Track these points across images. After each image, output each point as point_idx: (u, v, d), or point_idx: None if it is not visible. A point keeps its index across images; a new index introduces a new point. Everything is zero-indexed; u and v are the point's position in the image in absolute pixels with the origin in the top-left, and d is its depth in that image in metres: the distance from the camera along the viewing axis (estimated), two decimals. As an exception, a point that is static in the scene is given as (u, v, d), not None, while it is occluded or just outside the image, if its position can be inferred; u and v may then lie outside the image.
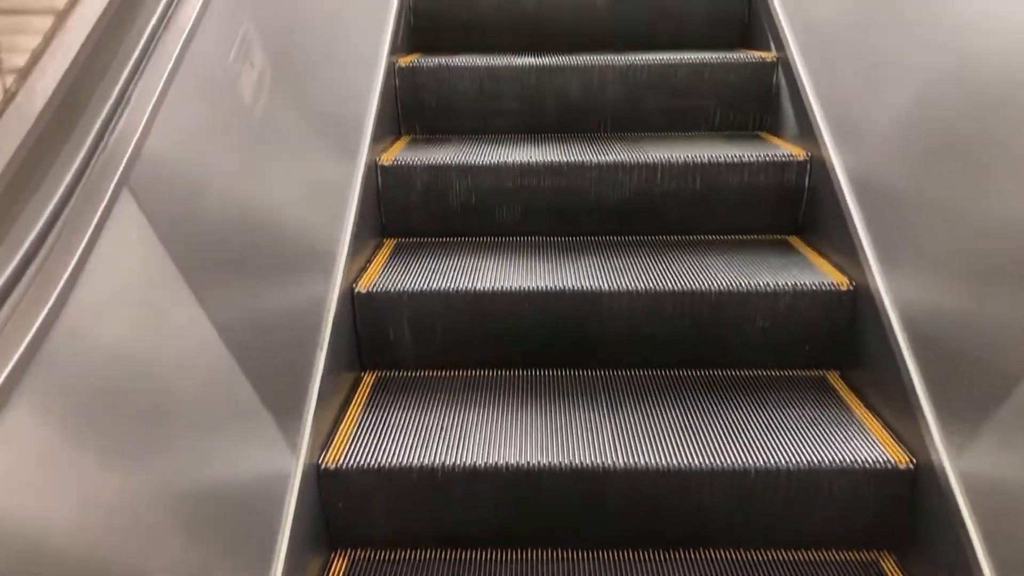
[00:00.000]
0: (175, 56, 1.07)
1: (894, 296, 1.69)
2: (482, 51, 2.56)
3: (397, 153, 2.25)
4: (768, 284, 1.86)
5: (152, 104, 1.00)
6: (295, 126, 1.61)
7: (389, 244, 2.21)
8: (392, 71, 2.43)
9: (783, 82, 2.36)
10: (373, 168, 2.15)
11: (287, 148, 1.55)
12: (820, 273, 1.92)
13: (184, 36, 1.10)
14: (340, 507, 1.61)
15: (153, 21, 1.08)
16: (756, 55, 2.44)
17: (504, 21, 2.74)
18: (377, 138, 2.21)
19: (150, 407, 0.98)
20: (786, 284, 1.86)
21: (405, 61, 2.48)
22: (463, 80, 2.46)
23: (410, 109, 2.49)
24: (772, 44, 2.45)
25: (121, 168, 0.93)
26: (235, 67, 1.29)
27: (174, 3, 1.12)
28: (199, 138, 1.18)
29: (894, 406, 1.65)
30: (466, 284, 1.90)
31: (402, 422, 1.73)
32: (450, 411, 1.77)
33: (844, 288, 1.84)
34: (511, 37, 2.70)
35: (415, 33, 2.75)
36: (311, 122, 1.72)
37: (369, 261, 2.06)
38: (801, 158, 2.13)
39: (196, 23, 1.14)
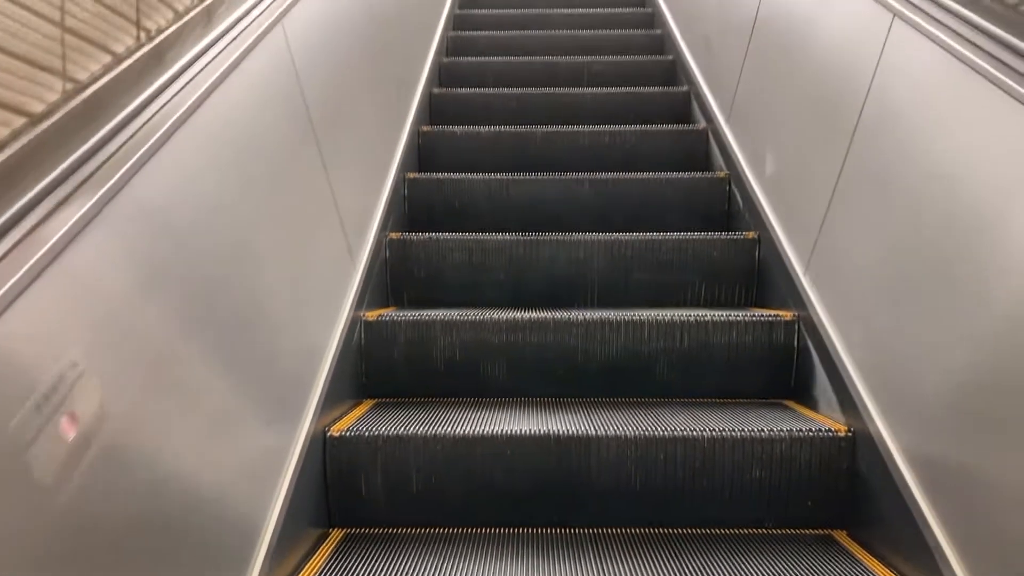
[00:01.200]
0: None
1: (898, 442, 1.60)
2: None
3: (382, 312, 2.24)
4: (762, 430, 1.77)
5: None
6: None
7: (369, 402, 2.13)
8: (383, 245, 2.48)
9: (767, 257, 2.41)
10: (356, 323, 2.13)
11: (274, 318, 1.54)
12: (816, 422, 1.84)
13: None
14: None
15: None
16: (739, 234, 2.52)
17: (494, 208, 2.84)
18: (364, 304, 2.20)
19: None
20: (781, 430, 1.77)
21: (395, 236, 2.54)
22: (452, 252, 2.51)
23: (399, 279, 2.52)
24: (753, 225, 2.53)
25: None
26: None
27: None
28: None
29: (916, 562, 1.49)
30: (447, 430, 1.80)
31: None
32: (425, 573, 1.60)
33: (842, 434, 1.75)
34: (500, 221, 2.79)
35: (410, 219, 2.85)
36: (295, 285, 1.73)
37: (345, 414, 1.97)
38: (788, 318, 2.12)
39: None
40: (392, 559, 1.63)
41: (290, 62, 1.80)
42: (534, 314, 2.16)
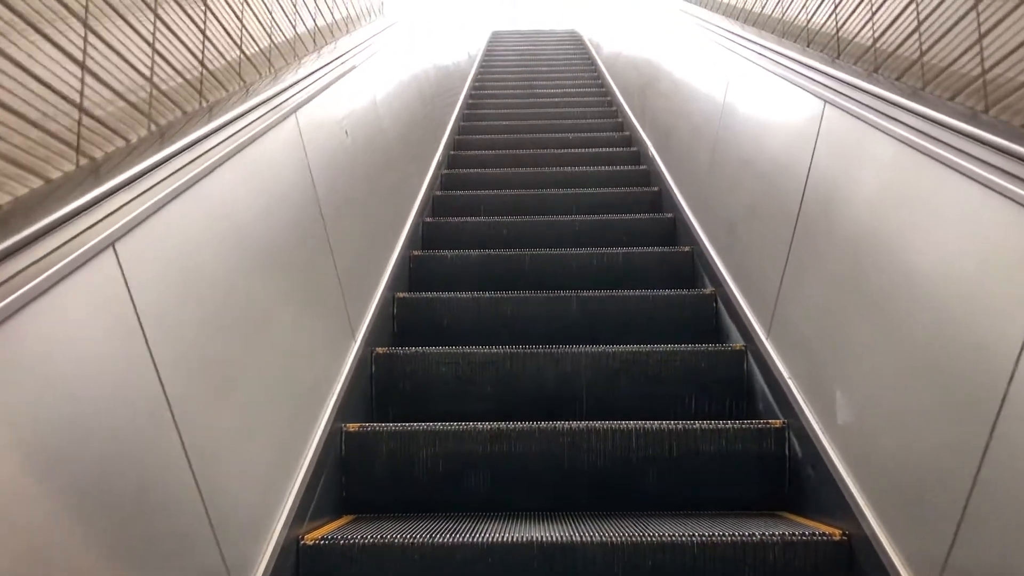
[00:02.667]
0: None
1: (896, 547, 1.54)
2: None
3: (364, 424, 2.20)
4: (753, 535, 1.70)
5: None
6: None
7: (348, 517, 2.06)
8: (370, 359, 2.47)
9: (754, 369, 2.39)
10: (338, 434, 2.09)
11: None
12: (810, 527, 1.77)
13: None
14: None
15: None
16: (727, 345, 2.51)
17: (483, 325, 2.85)
18: (346, 417, 2.17)
19: None
20: (774, 535, 1.70)
21: (382, 350, 2.53)
22: (439, 366, 2.49)
23: (384, 393, 2.49)
24: (741, 337, 2.53)
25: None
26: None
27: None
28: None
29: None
30: (424, 539, 1.73)
31: None
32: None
33: (836, 538, 1.68)
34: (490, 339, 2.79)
35: (398, 335, 2.86)
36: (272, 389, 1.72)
37: (321, 527, 1.90)
38: (778, 426, 2.08)
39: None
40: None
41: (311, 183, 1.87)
42: (519, 424, 2.12)
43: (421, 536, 1.73)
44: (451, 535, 1.74)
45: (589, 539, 1.71)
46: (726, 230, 2.86)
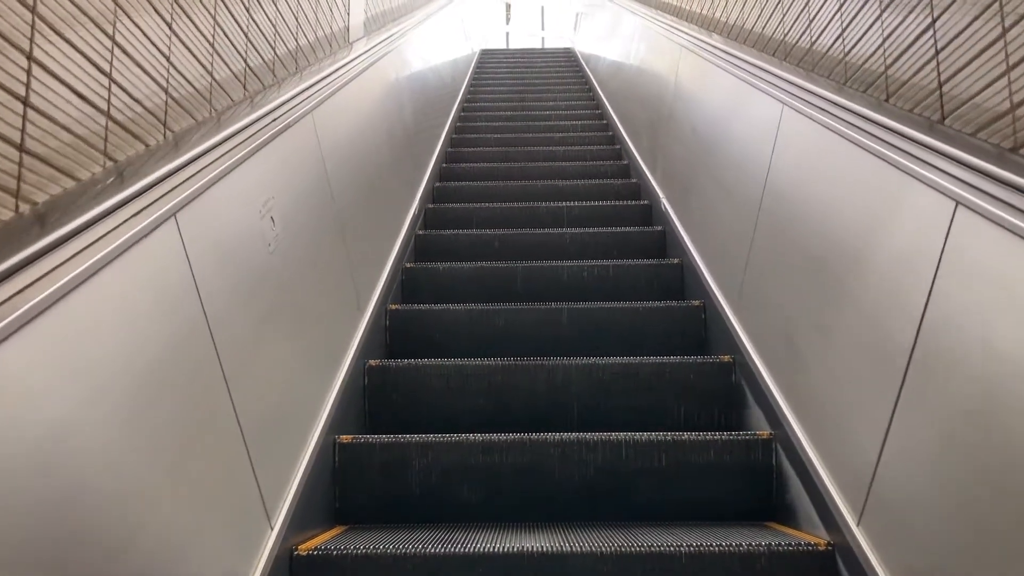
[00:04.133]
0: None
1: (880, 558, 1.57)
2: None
3: (357, 435, 2.22)
4: (741, 545, 1.73)
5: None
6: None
7: (340, 528, 2.08)
8: (363, 371, 2.50)
9: (742, 380, 2.42)
10: (331, 446, 2.11)
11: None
12: (796, 538, 1.80)
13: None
14: None
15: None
16: (715, 357, 2.54)
17: (476, 336, 2.88)
18: (339, 428, 2.19)
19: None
20: (760, 545, 1.73)
21: (374, 362, 2.56)
22: (431, 378, 2.52)
23: (377, 405, 2.51)
24: (728, 349, 2.57)
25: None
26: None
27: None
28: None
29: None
30: (417, 549, 1.75)
31: None
32: None
33: (822, 547, 1.71)
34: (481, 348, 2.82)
35: (391, 347, 2.88)
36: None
37: (314, 537, 1.92)
38: (765, 437, 2.11)
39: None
40: None
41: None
42: (511, 436, 2.15)
43: (414, 547, 1.75)
44: (443, 545, 1.76)
45: (580, 549, 1.73)
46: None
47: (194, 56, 1.69)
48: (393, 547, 1.75)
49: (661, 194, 3.78)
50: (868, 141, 1.71)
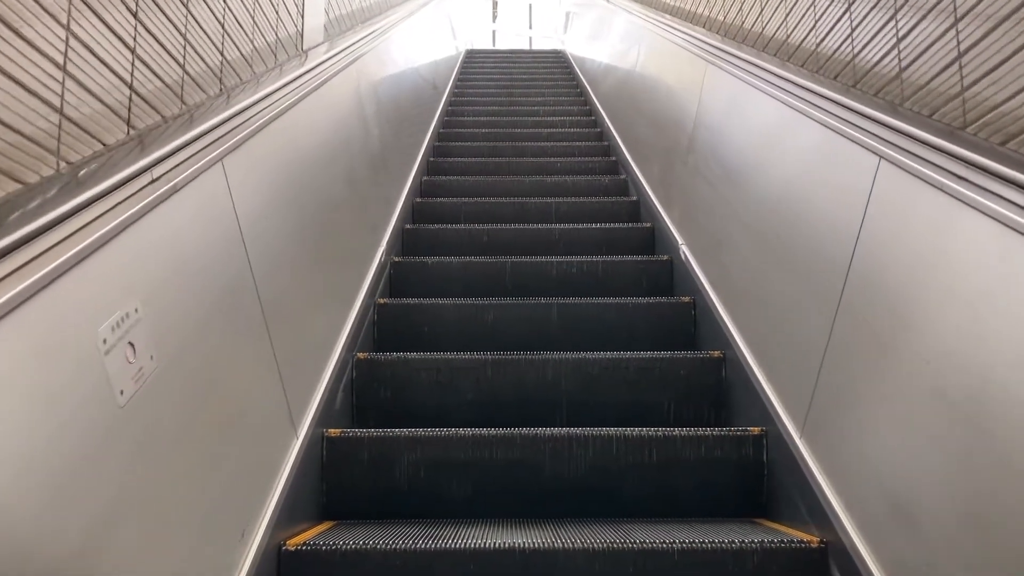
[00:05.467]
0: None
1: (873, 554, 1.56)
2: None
3: (345, 430, 2.20)
4: (733, 542, 1.72)
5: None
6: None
7: (328, 523, 2.05)
8: (349, 366, 2.47)
9: (733, 376, 2.42)
10: (319, 440, 2.08)
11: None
12: (788, 535, 1.79)
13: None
14: None
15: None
16: (704, 352, 2.53)
17: (465, 332, 2.85)
18: (326, 423, 2.16)
19: None
20: (753, 542, 1.72)
21: (362, 356, 2.53)
22: (419, 372, 2.49)
23: (365, 399, 2.48)
24: (719, 345, 2.56)
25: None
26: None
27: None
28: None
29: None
30: (407, 545, 1.73)
31: None
32: None
33: (815, 544, 1.70)
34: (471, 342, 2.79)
35: (378, 342, 2.85)
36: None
37: (302, 532, 1.90)
38: (756, 433, 2.11)
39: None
40: None
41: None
42: (500, 431, 2.13)
43: (403, 542, 1.73)
44: (432, 541, 1.74)
45: (571, 545, 1.72)
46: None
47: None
48: (382, 543, 1.72)
49: (680, 240, 3.14)
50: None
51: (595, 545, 1.72)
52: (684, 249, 3.06)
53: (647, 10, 4.59)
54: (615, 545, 1.72)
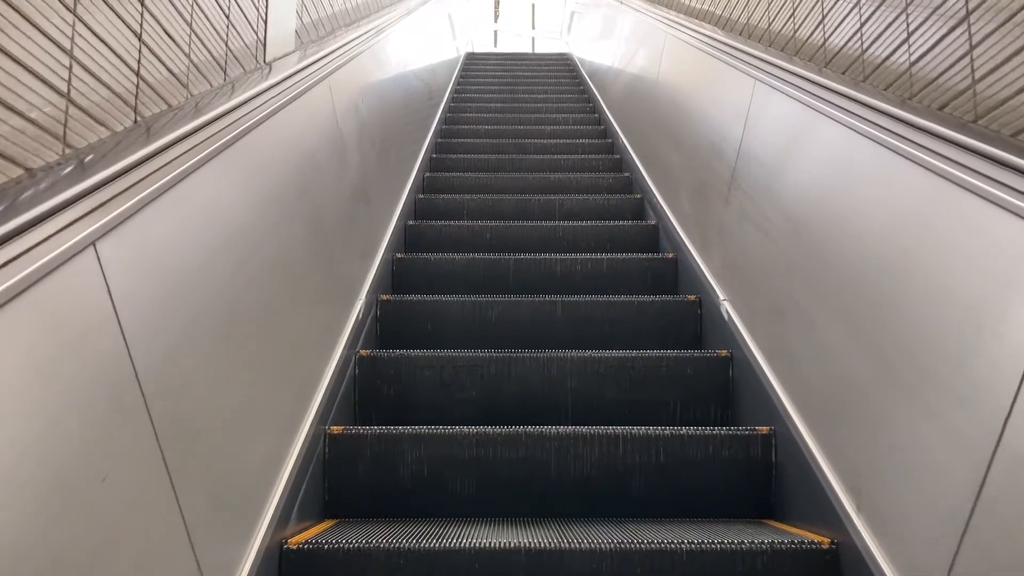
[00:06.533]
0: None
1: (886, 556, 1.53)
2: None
3: (348, 427, 2.17)
4: (743, 543, 1.69)
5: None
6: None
7: (331, 521, 2.02)
8: (352, 363, 2.44)
9: (741, 376, 2.39)
10: (321, 437, 2.05)
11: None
12: (798, 536, 1.76)
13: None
14: None
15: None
16: (712, 352, 2.51)
17: (467, 329, 2.82)
18: (329, 420, 2.13)
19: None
20: (763, 543, 1.69)
21: (365, 353, 2.50)
22: (422, 370, 2.46)
23: (367, 396, 2.46)
24: (726, 344, 2.53)
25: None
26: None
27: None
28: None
29: None
30: (411, 544, 1.70)
31: None
32: None
33: (825, 546, 1.67)
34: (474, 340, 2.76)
35: (381, 338, 2.82)
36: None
37: (305, 530, 1.87)
38: (764, 432, 2.08)
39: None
40: None
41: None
42: (505, 429, 2.10)
43: (406, 541, 1.70)
44: (436, 540, 1.71)
45: (577, 545, 1.69)
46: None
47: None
48: (385, 541, 1.70)
49: (721, 295, 2.65)
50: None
51: (602, 545, 1.69)
52: (727, 307, 2.57)
53: (669, 12, 4.05)
54: (622, 545, 1.69)
